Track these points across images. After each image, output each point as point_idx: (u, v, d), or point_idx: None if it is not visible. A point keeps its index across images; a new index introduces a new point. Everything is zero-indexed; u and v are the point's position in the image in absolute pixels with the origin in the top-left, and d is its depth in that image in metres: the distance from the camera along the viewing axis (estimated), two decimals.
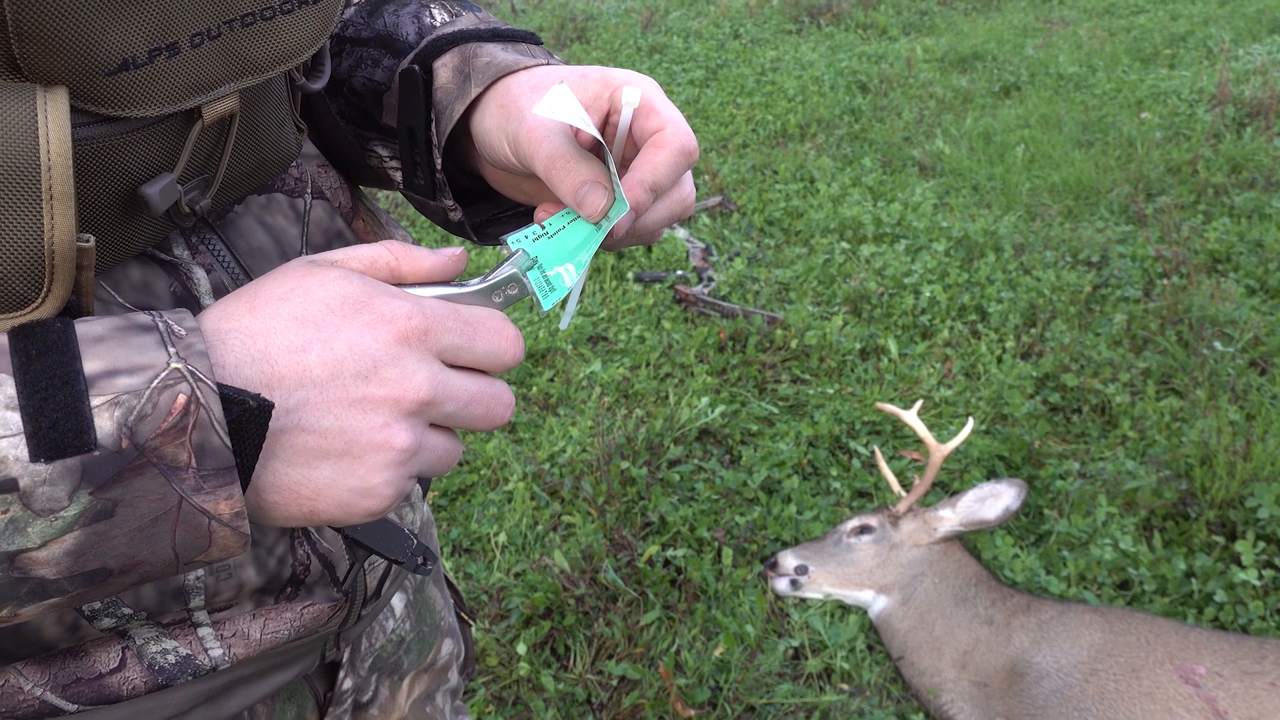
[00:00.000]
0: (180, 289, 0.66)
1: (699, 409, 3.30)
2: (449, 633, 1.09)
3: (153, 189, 0.58)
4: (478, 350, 0.57)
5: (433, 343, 0.55)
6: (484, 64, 0.72)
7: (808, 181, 5.27)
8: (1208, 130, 5.37)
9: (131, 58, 0.53)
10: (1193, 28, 7.48)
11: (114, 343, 0.48)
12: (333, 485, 0.53)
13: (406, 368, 0.53)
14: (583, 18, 8.79)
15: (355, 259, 0.58)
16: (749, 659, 2.41)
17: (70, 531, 0.47)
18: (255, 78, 0.61)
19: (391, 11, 0.79)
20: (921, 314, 3.90)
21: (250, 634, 0.72)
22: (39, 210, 0.49)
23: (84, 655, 0.66)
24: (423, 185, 0.78)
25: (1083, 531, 2.70)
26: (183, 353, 0.48)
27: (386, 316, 0.54)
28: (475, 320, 0.57)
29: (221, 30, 0.58)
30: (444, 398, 0.55)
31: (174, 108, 0.56)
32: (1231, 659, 2.04)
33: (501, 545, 2.79)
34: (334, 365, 0.52)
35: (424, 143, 0.75)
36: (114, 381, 0.47)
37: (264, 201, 0.74)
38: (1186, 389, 3.33)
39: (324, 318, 0.53)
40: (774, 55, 7.50)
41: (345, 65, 0.79)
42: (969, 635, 2.29)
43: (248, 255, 0.71)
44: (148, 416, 0.47)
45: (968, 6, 8.88)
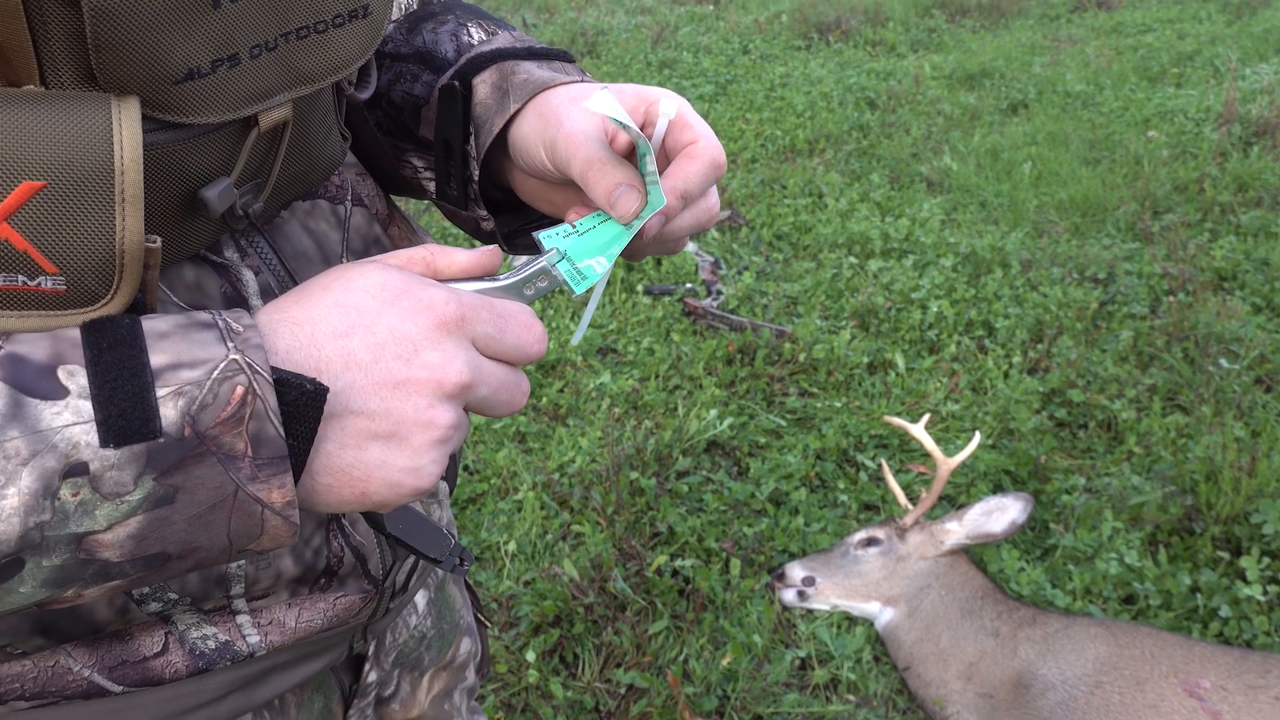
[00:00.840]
0: (230, 290, 0.69)
1: (707, 421, 3.33)
2: (467, 631, 1.12)
3: (212, 192, 0.61)
4: (507, 341, 0.60)
5: (468, 330, 0.58)
6: (522, 80, 0.75)
7: (816, 196, 5.30)
8: (1214, 149, 5.40)
9: (196, 68, 0.56)
10: (1200, 47, 7.52)
11: (178, 338, 0.51)
12: (383, 465, 0.56)
13: (446, 351, 0.56)
14: (593, 32, 8.85)
15: (395, 255, 0.61)
16: (756, 669, 2.43)
17: (134, 515, 0.50)
18: (308, 87, 0.65)
19: (430, 29, 0.82)
20: (929, 329, 3.93)
21: (286, 622, 0.75)
22: (111, 212, 0.52)
23: (129, 639, 0.69)
24: (455, 195, 0.81)
25: (1088, 546, 2.72)
26: (240, 346, 0.52)
27: (425, 303, 0.57)
28: (506, 313, 0.60)
29: (278, 42, 0.61)
30: (479, 382, 0.58)
31: (233, 115, 0.60)
32: (1236, 673, 2.05)
33: (511, 554, 2.82)
34: (377, 349, 0.55)
35: (459, 155, 0.78)
36: (178, 373, 0.50)
37: (308, 207, 0.77)
38: (1192, 405, 3.35)
39: (365, 304, 0.56)
40: (783, 71, 7.55)
41: (385, 79, 0.83)
42: (975, 647, 2.31)
43: (293, 259, 0.74)
44: (209, 406, 0.50)
45: (976, 24, 8.93)
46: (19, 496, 0.47)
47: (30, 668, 0.67)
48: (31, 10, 0.50)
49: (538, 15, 9.87)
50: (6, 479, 0.47)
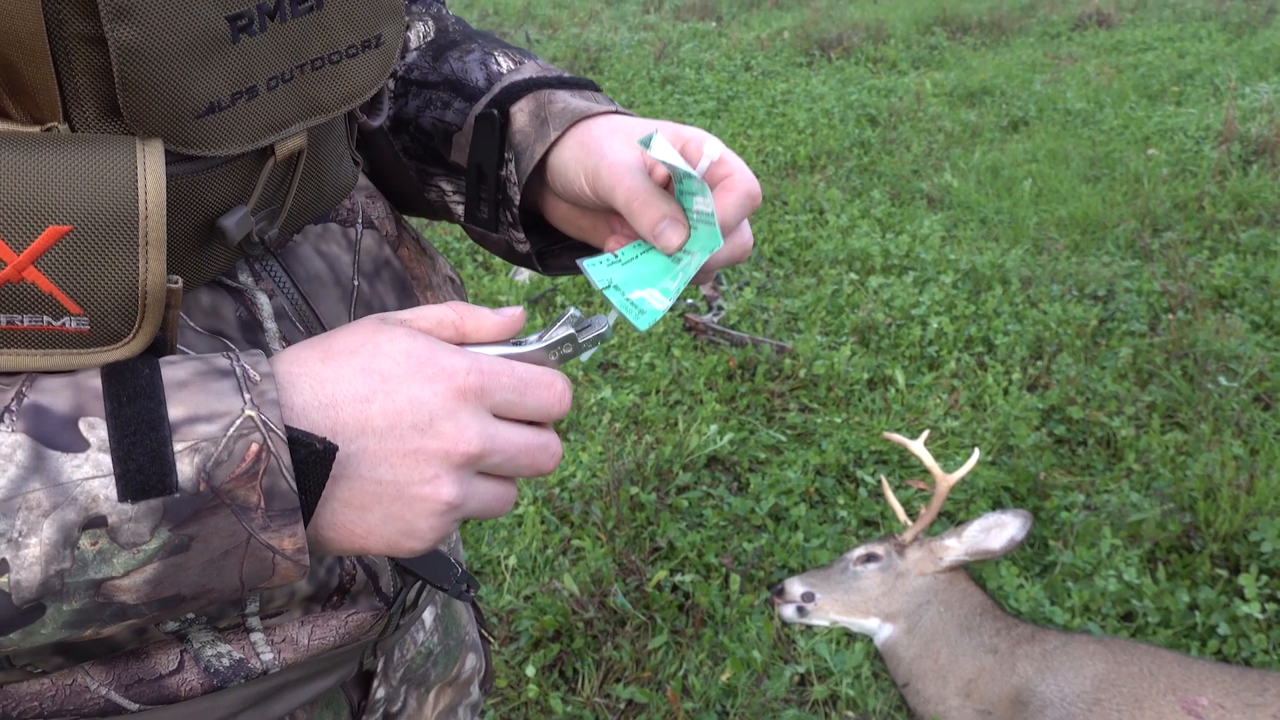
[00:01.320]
0: (245, 313, 0.71)
1: (708, 436, 3.34)
2: (472, 647, 1.13)
3: (229, 220, 0.63)
4: (528, 406, 0.61)
5: (487, 398, 0.59)
6: (560, 109, 0.77)
7: (817, 213, 5.32)
8: (1214, 167, 5.42)
9: (216, 101, 0.58)
10: (1200, 65, 7.55)
11: (195, 388, 0.53)
12: (383, 527, 0.58)
13: (460, 421, 0.58)
14: (596, 49, 8.90)
15: (423, 318, 0.62)
16: (755, 684, 2.43)
17: (150, 563, 0.52)
18: (323, 117, 0.66)
19: (457, 58, 0.84)
20: (929, 345, 3.94)
21: (299, 640, 0.76)
22: (135, 254, 0.54)
23: (146, 657, 0.70)
24: (485, 219, 0.82)
25: (1087, 563, 2.73)
26: (257, 400, 0.53)
27: (447, 371, 0.58)
28: (528, 377, 0.61)
29: (294, 74, 0.62)
30: (492, 450, 0.59)
31: (251, 146, 0.61)
32: (1234, 691, 2.06)
33: (511, 568, 2.83)
34: (394, 416, 0.57)
35: (492, 179, 0.80)
36: (195, 428, 0.52)
37: (320, 231, 0.78)
38: (1191, 423, 3.36)
39: (390, 370, 0.57)
40: (784, 88, 7.58)
41: (413, 106, 0.84)
42: (974, 664, 2.31)
43: (306, 281, 0.75)
44: (224, 463, 0.52)
45: (976, 42, 8.98)
46: (40, 547, 0.49)
47: (49, 686, 0.68)
48: (57, 50, 0.52)
49: (540, 31, 9.93)
50: (29, 530, 0.49)
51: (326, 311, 0.76)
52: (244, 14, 0.57)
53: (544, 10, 10.74)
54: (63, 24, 0.51)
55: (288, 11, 0.60)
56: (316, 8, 0.62)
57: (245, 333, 0.70)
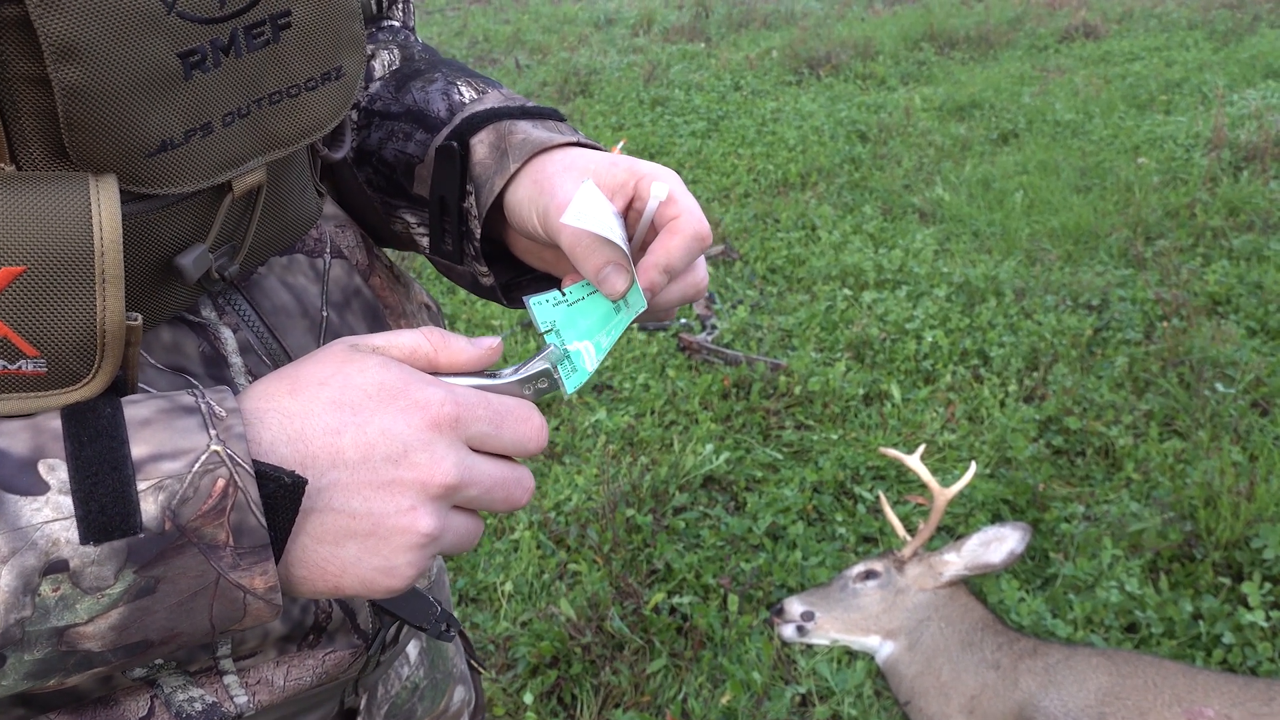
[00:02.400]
0: (209, 348, 0.69)
1: (704, 456, 3.32)
2: (461, 680, 1.10)
3: (187, 259, 0.61)
4: (504, 439, 0.60)
5: (462, 430, 0.57)
6: (520, 140, 0.75)
7: (809, 229, 5.32)
8: (1204, 174, 5.43)
9: (169, 139, 0.56)
10: (1188, 74, 7.58)
11: (159, 426, 0.51)
12: (358, 563, 0.56)
13: (436, 453, 0.56)
14: (586, 72, 8.93)
15: (397, 347, 0.60)
16: (756, 706, 2.40)
17: (115, 607, 0.50)
18: (281, 151, 0.65)
19: (419, 88, 0.82)
20: (924, 359, 3.93)
21: (274, 681, 0.74)
22: (92, 293, 0.52)
23: (114, 704, 0.68)
24: (450, 251, 0.81)
25: (1088, 574, 2.70)
26: (222, 435, 0.51)
27: (420, 403, 0.56)
28: (504, 410, 0.60)
29: (251, 109, 0.61)
30: (468, 482, 0.57)
31: (208, 183, 0.60)
32: (1240, 701, 2.03)
33: (508, 594, 2.80)
34: (366, 448, 0.55)
35: (455, 211, 0.78)
36: (159, 466, 0.50)
37: (285, 262, 0.77)
38: (1189, 430, 3.34)
39: (361, 402, 0.55)
40: (774, 106, 7.61)
41: (375, 137, 0.83)
42: (976, 680, 2.28)
43: (271, 314, 0.73)
44: (189, 500, 0.50)
45: (964, 56, 9.01)
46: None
47: None
48: (1, 91, 0.51)
49: (530, 56, 9.97)
50: None
51: (294, 344, 0.74)
52: (196, 50, 0.56)
53: (533, 36, 10.79)
54: (5, 65, 0.50)
55: (243, 46, 0.58)
56: (273, 41, 0.60)
57: (209, 368, 0.69)
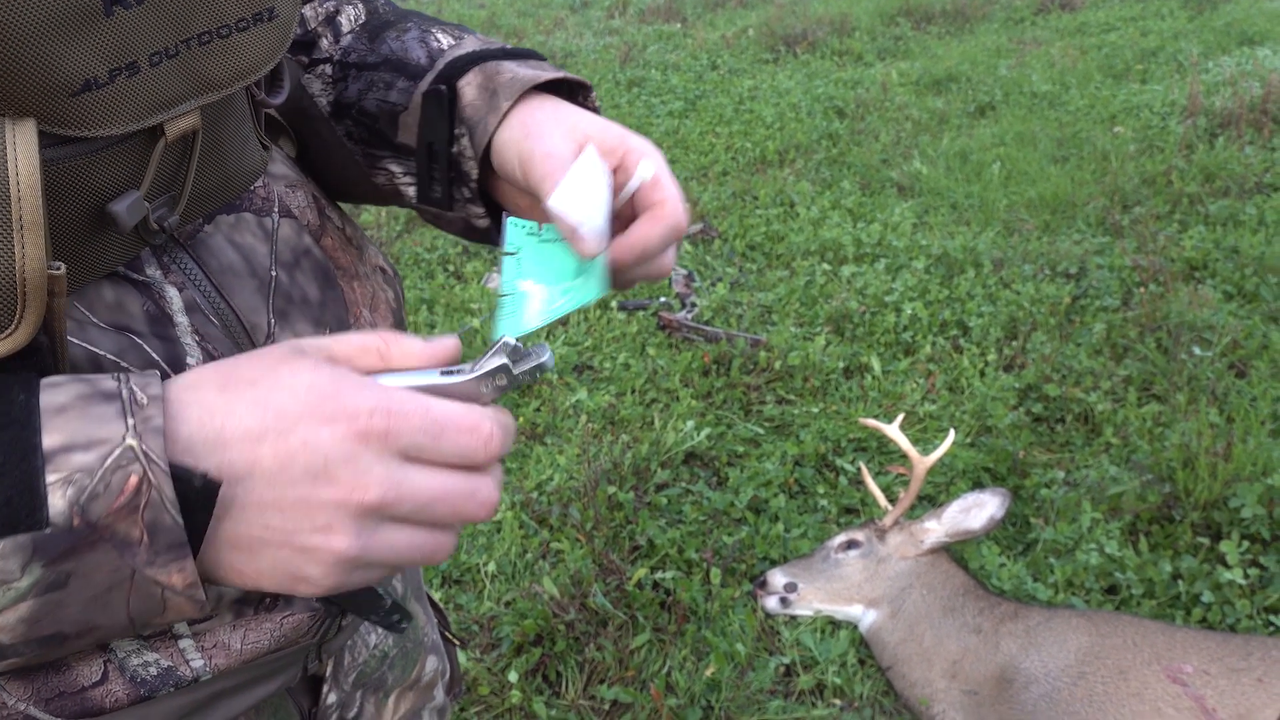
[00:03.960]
0: (153, 307, 0.68)
1: (685, 433, 3.32)
2: (433, 649, 1.10)
3: (120, 205, 0.60)
4: (444, 450, 0.55)
5: (394, 442, 0.53)
6: (508, 79, 0.75)
7: (788, 206, 5.31)
8: (1180, 141, 5.44)
9: (93, 78, 0.55)
10: (1163, 43, 7.59)
11: (75, 413, 0.49)
12: (273, 571, 0.54)
13: (359, 467, 0.53)
14: (562, 55, 8.89)
15: (344, 344, 0.58)
16: (740, 677, 2.41)
17: (24, 600, 0.48)
18: (215, 94, 0.64)
19: (395, 37, 0.82)
20: (903, 331, 3.93)
21: (231, 644, 0.73)
22: (10, 240, 0.51)
23: (66, 669, 0.66)
24: (439, 197, 0.80)
25: (1068, 538, 2.72)
26: (140, 426, 0.49)
27: (349, 411, 0.53)
28: (445, 419, 0.55)
29: (180, 49, 0.60)
30: (397, 499, 0.54)
31: (136, 125, 0.58)
32: (1218, 657, 2.04)
33: (491, 575, 2.80)
34: (285, 458, 0.52)
35: (444, 157, 0.77)
36: (70, 458, 0.48)
37: (233, 221, 0.75)
38: (1167, 394, 3.35)
39: (286, 406, 0.53)
40: (751, 84, 7.58)
41: (354, 89, 0.82)
42: (958, 644, 2.29)
43: (219, 273, 0.72)
44: (100, 496, 0.48)
45: (941, 30, 9.00)
46: None
47: None
48: None
49: (506, 40, 9.91)
50: None
51: (242, 303, 0.73)
52: None
53: (508, 20, 10.73)
54: None
55: None
56: None
57: (154, 327, 0.67)
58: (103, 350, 0.63)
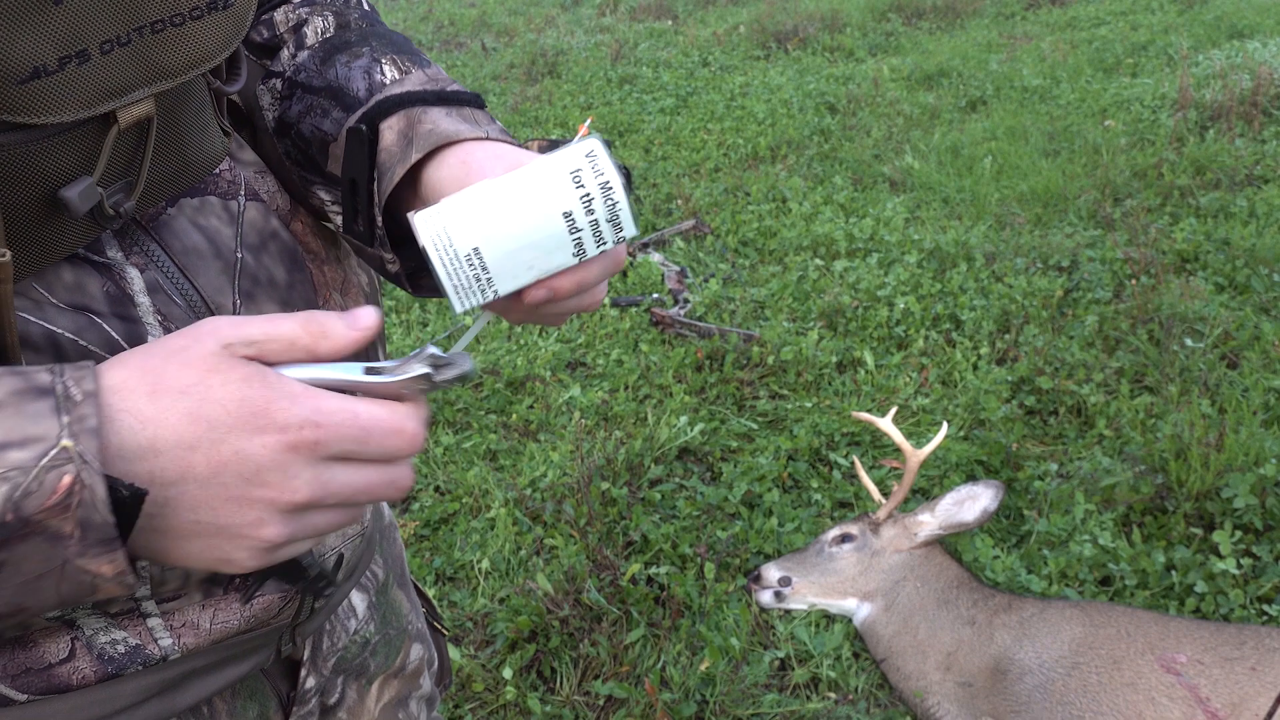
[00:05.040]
0: (114, 288, 0.68)
1: (678, 428, 3.31)
2: (418, 637, 1.09)
3: (72, 191, 0.60)
4: (370, 452, 0.58)
5: (323, 450, 0.56)
6: (427, 130, 0.74)
7: (780, 202, 5.31)
8: (1171, 134, 5.45)
9: (42, 66, 0.54)
10: (1153, 37, 7.60)
11: (9, 410, 0.50)
12: (202, 554, 0.57)
13: (289, 473, 0.55)
14: (553, 53, 8.88)
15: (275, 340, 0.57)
16: (734, 671, 2.40)
17: None
18: (168, 82, 0.63)
19: (344, 63, 0.81)
20: (896, 325, 3.93)
21: (200, 624, 0.73)
22: None
23: (32, 645, 0.67)
24: (361, 232, 0.79)
25: (1062, 530, 2.72)
26: (75, 426, 0.50)
27: (280, 425, 0.55)
28: (372, 425, 0.58)
29: (132, 37, 0.59)
30: (324, 496, 0.57)
31: (87, 113, 0.58)
32: (1211, 646, 2.05)
33: (485, 571, 2.79)
34: (218, 466, 0.54)
35: (365, 194, 0.77)
36: (5, 455, 0.49)
37: (197, 204, 0.75)
38: (1159, 386, 3.36)
39: (219, 419, 0.54)
40: (743, 81, 7.58)
41: (295, 110, 0.81)
42: (952, 637, 2.29)
43: (182, 255, 0.72)
44: (33, 494, 0.49)
45: (932, 26, 9.01)
46: None
47: None
48: None
49: (497, 39, 9.90)
50: None
51: (207, 284, 0.73)
52: None
53: (499, 18, 10.72)
54: None
55: None
56: None
57: (114, 307, 0.67)
58: (60, 328, 0.64)
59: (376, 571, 1.02)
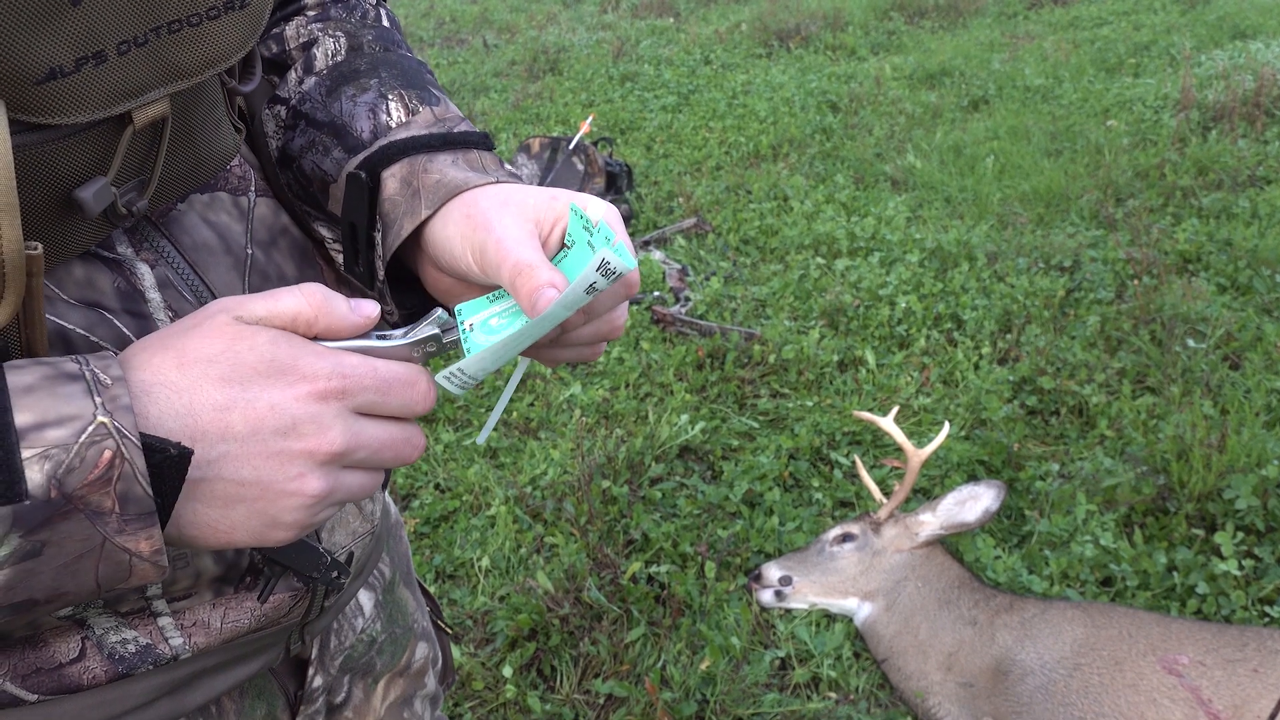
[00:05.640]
0: (124, 284, 0.68)
1: (679, 426, 3.31)
2: (423, 636, 1.09)
3: (86, 192, 0.60)
4: (391, 405, 0.61)
5: (349, 400, 0.59)
6: (434, 182, 0.72)
7: (781, 200, 5.30)
8: (1173, 135, 5.44)
9: (59, 67, 0.54)
10: (1155, 37, 7.59)
11: (43, 393, 0.51)
12: (247, 522, 0.58)
13: (323, 423, 0.58)
14: (555, 50, 8.86)
15: (279, 315, 0.59)
16: (735, 671, 2.40)
17: (1, 569, 0.50)
18: (184, 82, 0.63)
19: (350, 96, 0.78)
20: (898, 324, 3.93)
21: (211, 623, 0.73)
22: None
23: (43, 645, 0.67)
24: (361, 274, 0.78)
25: (1063, 530, 2.71)
26: (109, 405, 0.51)
27: (308, 376, 0.58)
28: (391, 377, 0.61)
29: (149, 38, 0.59)
30: (356, 447, 0.60)
31: (103, 113, 0.58)
32: (1214, 648, 2.04)
33: (485, 570, 2.78)
34: (255, 422, 0.56)
35: (364, 238, 0.76)
36: (44, 434, 0.50)
37: (207, 200, 0.75)
38: (1161, 386, 3.35)
39: (249, 379, 0.56)
40: (745, 79, 7.57)
41: (298, 144, 0.79)
42: (953, 637, 2.29)
43: (192, 251, 0.72)
44: (75, 470, 0.50)
45: (934, 25, 9.00)
46: None
47: None
48: None
49: (499, 36, 9.89)
50: None
51: (218, 280, 0.73)
52: None
53: (501, 15, 10.70)
54: None
55: None
56: None
57: (125, 303, 0.67)
58: (71, 324, 0.64)
59: (384, 570, 1.02)
